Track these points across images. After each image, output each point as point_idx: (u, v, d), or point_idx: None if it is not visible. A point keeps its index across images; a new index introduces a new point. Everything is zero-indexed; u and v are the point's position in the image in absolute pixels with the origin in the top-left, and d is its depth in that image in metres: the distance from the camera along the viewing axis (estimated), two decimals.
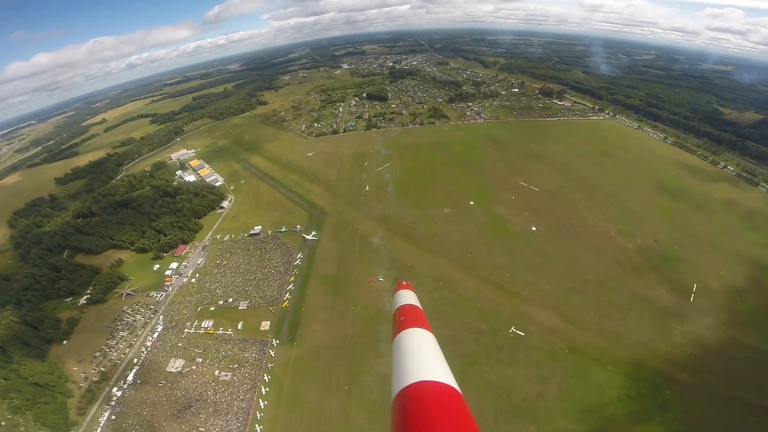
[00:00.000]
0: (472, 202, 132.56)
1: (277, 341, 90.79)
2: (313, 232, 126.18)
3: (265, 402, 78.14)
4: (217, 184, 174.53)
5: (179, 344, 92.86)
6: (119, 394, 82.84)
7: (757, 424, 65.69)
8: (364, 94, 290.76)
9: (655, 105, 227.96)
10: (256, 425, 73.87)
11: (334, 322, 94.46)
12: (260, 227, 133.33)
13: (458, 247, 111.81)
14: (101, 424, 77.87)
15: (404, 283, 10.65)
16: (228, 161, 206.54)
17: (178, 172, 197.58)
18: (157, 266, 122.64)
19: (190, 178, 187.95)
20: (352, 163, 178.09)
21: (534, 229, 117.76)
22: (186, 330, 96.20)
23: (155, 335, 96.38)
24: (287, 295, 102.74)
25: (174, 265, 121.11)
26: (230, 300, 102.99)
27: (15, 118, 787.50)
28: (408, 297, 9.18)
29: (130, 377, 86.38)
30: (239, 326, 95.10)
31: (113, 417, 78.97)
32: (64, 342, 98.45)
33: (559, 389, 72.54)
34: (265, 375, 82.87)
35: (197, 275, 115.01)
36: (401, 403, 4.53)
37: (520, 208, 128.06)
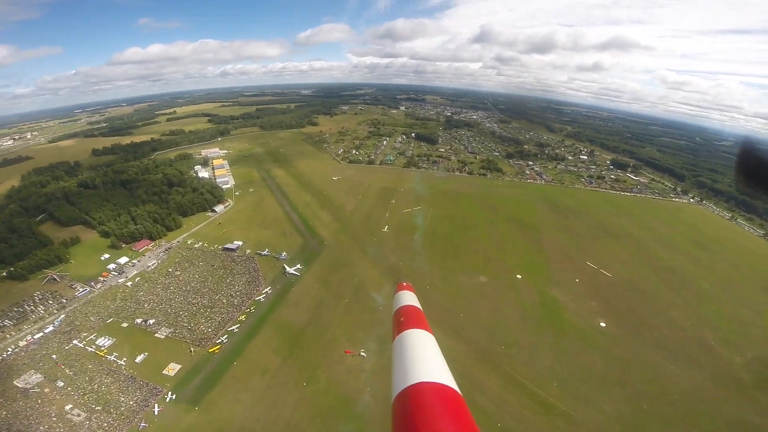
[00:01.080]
0: (519, 276, 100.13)
1: (174, 396, 62.72)
2: (298, 265, 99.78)
3: None
4: (224, 186, 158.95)
5: (53, 356, 69.17)
6: None
7: None
8: (413, 134, 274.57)
9: (748, 194, 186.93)
10: None
11: (269, 397, 65.04)
12: (240, 243, 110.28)
13: (488, 333, 79.23)
14: None
15: (405, 284, 9.74)
16: (251, 167, 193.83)
17: (197, 167, 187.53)
18: (107, 256, 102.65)
19: (204, 174, 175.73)
20: (376, 197, 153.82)
21: (603, 325, 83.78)
22: (75, 341, 72.00)
23: (38, 336, 73.08)
24: (224, 338, 75.27)
25: (123, 259, 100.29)
26: (151, 321, 77.67)
27: (113, 100, 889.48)
28: (408, 298, 8.68)
29: None
30: (138, 358, 69.22)
31: None
32: None
33: None
34: None
35: (138, 279, 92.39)
36: (401, 404, 4.45)
37: (585, 295, 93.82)
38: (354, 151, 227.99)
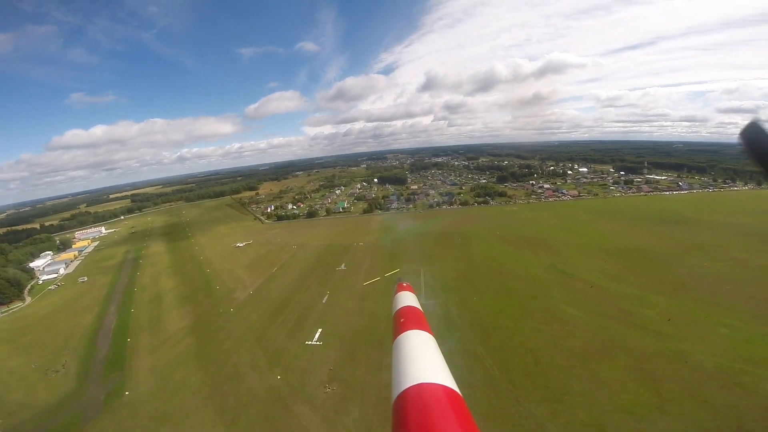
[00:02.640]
0: None
1: None
2: None
3: None
4: (44, 278, 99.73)
5: None
6: None
7: None
8: (375, 179, 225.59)
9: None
10: None
11: None
12: None
13: None
14: None
15: (404, 284, 9.10)
16: (127, 246, 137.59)
17: (44, 253, 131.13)
18: None
19: (39, 262, 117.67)
20: (310, 264, 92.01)
21: None
22: None
23: None
24: None
25: None
26: None
27: (62, 195, 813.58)
28: (408, 298, 8.08)
29: None
30: None
31: None
32: None
33: None
34: None
35: None
36: (401, 405, 4.25)
37: None
38: (291, 206, 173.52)
